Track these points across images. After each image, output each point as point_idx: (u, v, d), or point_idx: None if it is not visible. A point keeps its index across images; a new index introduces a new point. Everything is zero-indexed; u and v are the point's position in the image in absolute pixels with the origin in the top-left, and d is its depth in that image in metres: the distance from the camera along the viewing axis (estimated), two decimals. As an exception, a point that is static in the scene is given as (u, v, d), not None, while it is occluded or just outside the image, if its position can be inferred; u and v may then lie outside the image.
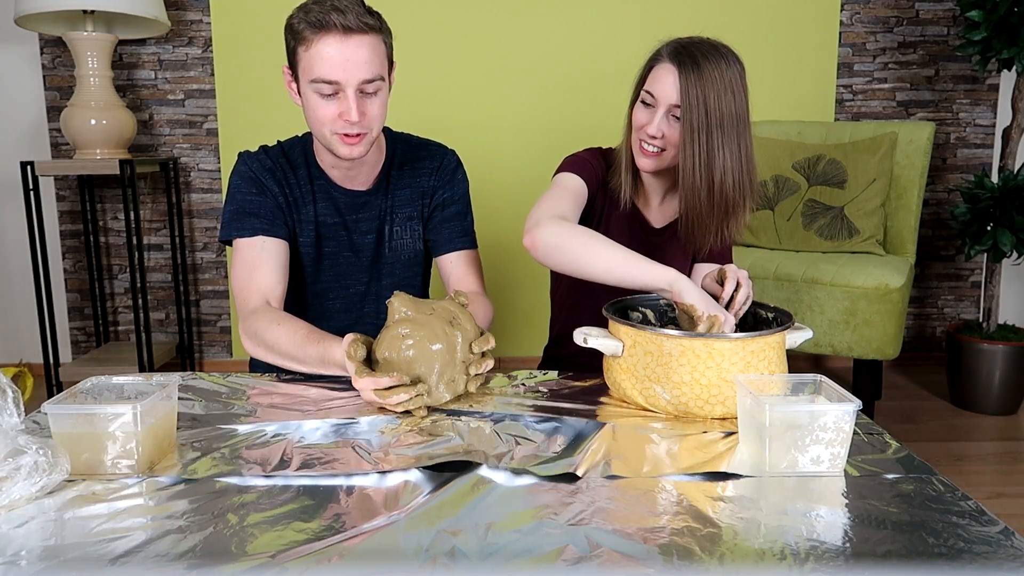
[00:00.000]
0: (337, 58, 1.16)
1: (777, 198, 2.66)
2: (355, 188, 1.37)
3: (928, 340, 3.21)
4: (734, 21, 2.93)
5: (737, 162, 1.28)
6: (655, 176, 1.40)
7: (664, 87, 1.26)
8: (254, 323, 1.22)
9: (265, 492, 0.82)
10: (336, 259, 1.39)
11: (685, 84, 1.24)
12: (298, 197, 1.34)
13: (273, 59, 2.88)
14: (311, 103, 1.22)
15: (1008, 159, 2.60)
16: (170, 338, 3.10)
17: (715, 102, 1.24)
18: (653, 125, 1.28)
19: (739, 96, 1.28)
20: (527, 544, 0.71)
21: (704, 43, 1.28)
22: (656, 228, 1.45)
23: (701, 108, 1.24)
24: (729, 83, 1.25)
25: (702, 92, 1.23)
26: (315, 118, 1.23)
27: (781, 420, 0.85)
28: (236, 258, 1.30)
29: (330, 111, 1.21)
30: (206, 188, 3.02)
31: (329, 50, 1.16)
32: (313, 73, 1.18)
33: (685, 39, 1.29)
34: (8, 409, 0.80)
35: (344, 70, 1.17)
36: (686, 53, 1.25)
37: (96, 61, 2.58)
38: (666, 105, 1.27)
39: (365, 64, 1.18)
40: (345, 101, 1.19)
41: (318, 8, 1.16)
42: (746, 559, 0.69)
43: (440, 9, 2.83)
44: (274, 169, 1.33)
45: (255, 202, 1.30)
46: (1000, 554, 0.69)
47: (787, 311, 1.12)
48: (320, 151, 1.34)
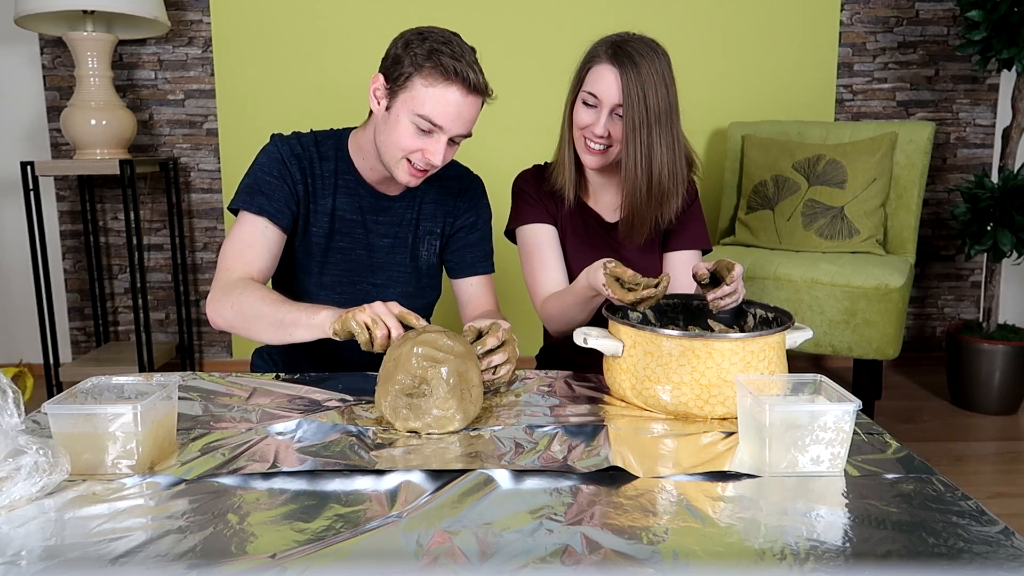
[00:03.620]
0: (453, 110, 1.21)
1: (777, 198, 2.66)
2: (384, 191, 1.39)
3: (928, 340, 3.21)
4: (734, 21, 2.93)
5: (671, 152, 1.32)
6: (600, 172, 1.43)
7: (606, 88, 1.30)
8: (231, 287, 1.22)
9: (265, 492, 0.82)
10: (349, 255, 1.40)
11: (626, 83, 1.28)
12: (318, 188, 1.36)
13: (273, 59, 2.89)
14: (401, 128, 1.23)
15: (1008, 159, 2.60)
16: (170, 338, 3.10)
17: (653, 98, 1.28)
18: (599, 125, 1.32)
19: (671, 87, 1.31)
20: (527, 544, 0.71)
21: (636, 39, 1.32)
22: (610, 223, 1.48)
23: (641, 106, 1.28)
24: (662, 76, 1.29)
25: (641, 90, 1.27)
26: (397, 143, 1.25)
27: (781, 420, 0.85)
28: (236, 228, 1.30)
29: (417, 144, 1.24)
30: (206, 188, 3.02)
31: (450, 99, 1.20)
32: (423, 109, 1.21)
33: (617, 36, 1.34)
34: (8, 409, 0.80)
35: (453, 122, 1.22)
36: (624, 52, 1.29)
37: (96, 61, 2.58)
38: (610, 105, 1.31)
39: (469, 122, 1.25)
40: (436, 144, 1.23)
41: (450, 53, 1.19)
42: (746, 559, 0.69)
43: (437, 9, 2.83)
44: (301, 156, 1.34)
45: (272, 184, 1.31)
46: (1000, 554, 0.69)
47: (787, 311, 1.12)
48: (362, 152, 1.36)
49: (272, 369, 1.46)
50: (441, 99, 1.20)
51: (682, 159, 1.35)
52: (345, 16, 2.86)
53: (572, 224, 1.46)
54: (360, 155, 1.36)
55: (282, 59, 2.89)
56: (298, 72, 2.90)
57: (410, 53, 1.21)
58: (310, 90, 2.90)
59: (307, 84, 2.90)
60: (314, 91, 2.90)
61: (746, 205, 2.75)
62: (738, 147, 2.87)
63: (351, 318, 1.07)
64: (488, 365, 1.10)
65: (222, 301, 1.21)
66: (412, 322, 1.08)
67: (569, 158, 1.40)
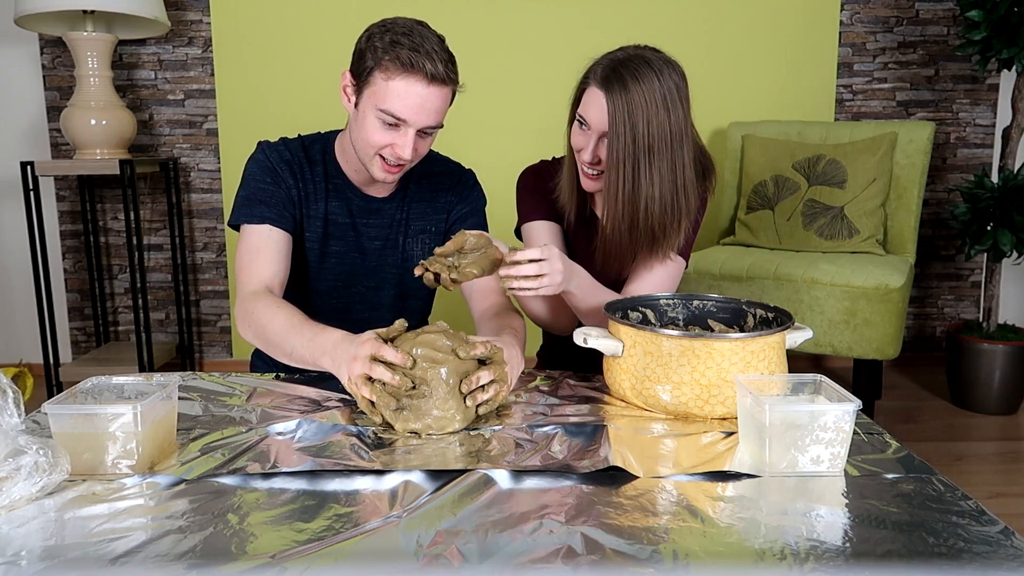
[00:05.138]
0: (414, 102, 1.18)
1: (777, 198, 2.66)
2: (372, 194, 1.39)
3: (928, 340, 3.21)
4: (734, 21, 2.93)
5: (669, 184, 1.22)
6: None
7: (595, 113, 1.23)
8: (251, 304, 1.22)
9: (265, 492, 0.82)
10: (343, 259, 1.40)
11: (612, 111, 1.19)
12: (310, 192, 1.36)
13: (273, 59, 2.89)
14: (368, 124, 1.22)
15: (1008, 159, 2.60)
16: (170, 338, 3.10)
17: (644, 126, 1.18)
18: (588, 151, 1.26)
19: (675, 111, 1.20)
20: (527, 544, 0.71)
21: (636, 58, 1.21)
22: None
23: (628, 136, 1.19)
24: (661, 100, 1.19)
25: (630, 118, 1.18)
26: (367, 139, 1.24)
27: (781, 420, 0.85)
28: (241, 243, 1.31)
29: (385, 139, 1.22)
30: (206, 188, 3.02)
31: (410, 91, 1.18)
32: (385, 104, 1.19)
33: (617, 55, 1.24)
34: (8, 409, 0.80)
35: (416, 114, 1.19)
36: (615, 76, 1.19)
37: (96, 61, 2.58)
38: (599, 131, 1.24)
39: (436, 112, 1.21)
40: (403, 137, 1.21)
41: (409, 44, 1.16)
42: (746, 559, 0.69)
43: (437, 9, 2.83)
44: (291, 161, 1.34)
45: (267, 191, 1.31)
46: (1000, 554, 0.69)
47: (787, 311, 1.12)
48: (345, 154, 1.36)
49: (272, 369, 1.46)
50: (401, 92, 1.18)
51: (686, 189, 1.24)
52: (345, 16, 2.86)
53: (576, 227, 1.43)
54: (344, 158, 1.36)
55: (282, 59, 2.89)
56: (298, 72, 2.90)
57: (371, 47, 1.20)
58: (310, 90, 2.90)
59: (307, 84, 2.90)
60: (314, 91, 2.90)
61: (746, 205, 2.75)
62: (738, 147, 2.87)
63: (350, 388, 1.03)
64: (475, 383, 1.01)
65: (241, 321, 1.23)
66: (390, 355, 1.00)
67: (570, 179, 1.36)
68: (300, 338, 1.11)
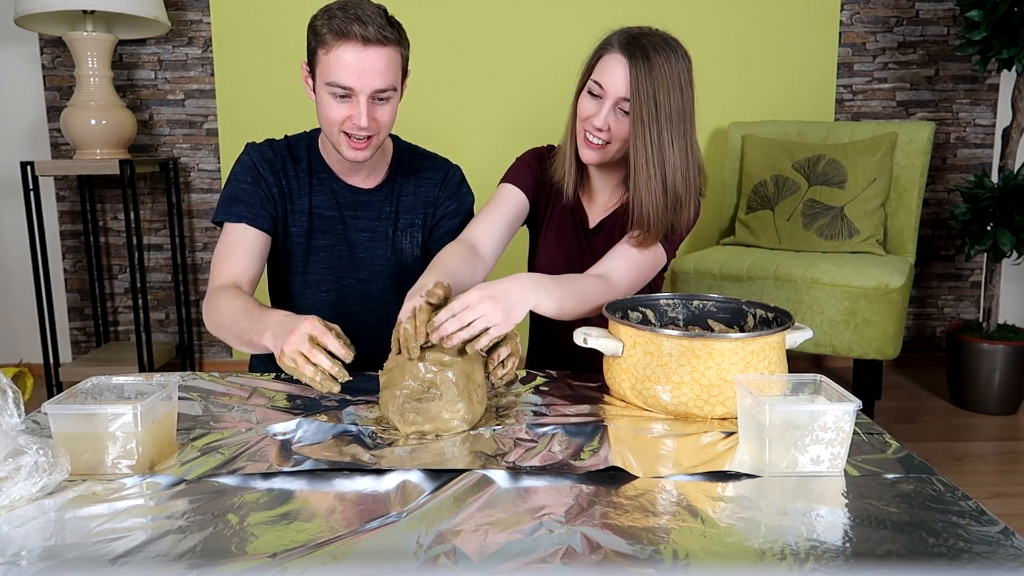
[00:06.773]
0: (354, 66, 1.21)
1: (777, 198, 2.66)
2: (358, 185, 1.42)
3: (928, 340, 3.21)
4: (734, 21, 2.93)
5: (684, 158, 1.24)
6: (601, 169, 1.38)
7: (613, 79, 1.23)
8: (215, 296, 1.26)
9: (265, 492, 0.82)
10: (331, 252, 1.42)
11: (635, 77, 1.20)
12: (294, 188, 1.39)
13: (273, 59, 2.88)
14: (324, 103, 1.27)
15: (1008, 159, 2.60)
16: (170, 338, 3.10)
17: (664, 97, 1.21)
18: (599, 117, 1.25)
19: (686, 91, 1.23)
20: (527, 544, 0.71)
21: (655, 35, 1.25)
22: (592, 228, 1.43)
23: (651, 102, 1.20)
24: (677, 77, 1.22)
25: (652, 86, 1.20)
26: (326, 118, 1.28)
27: (781, 420, 0.85)
28: (220, 239, 1.35)
29: (341, 113, 1.26)
30: (206, 188, 3.02)
31: (347, 58, 1.21)
32: (329, 77, 1.23)
33: (635, 29, 1.27)
34: (8, 409, 0.80)
35: (359, 78, 1.22)
36: (637, 45, 1.22)
37: (96, 61, 2.58)
38: (614, 98, 1.24)
39: (380, 75, 1.23)
40: (357, 106, 1.24)
41: (342, 15, 1.20)
42: (746, 559, 0.69)
43: (437, 8, 2.83)
44: (273, 160, 1.38)
45: (247, 191, 1.35)
46: (1000, 554, 0.69)
47: (787, 311, 1.12)
48: (326, 146, 1.39)
49: (271, 369, 1.46)
50: (340, 61, 1.21)
51: (696, 169, 1.27)
52: (345, 16, 2.85)
53: (558, 219, 1.42)
54: (326, 150, 1.40)
55: (282, 59, 2.89)
56: (298, 72, 2.90)
57: (312, 28, 1.25)
58: (310, 90, 2.90)
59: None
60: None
61: (746, 205, 2.75)
62: (738, 147, 2.87)
63: (282, 362, 1.03)
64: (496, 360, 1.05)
65: (206, 311, 1.27)
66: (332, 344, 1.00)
67: (571, 151, 1.35)
68: (249, 320, 1.15)
